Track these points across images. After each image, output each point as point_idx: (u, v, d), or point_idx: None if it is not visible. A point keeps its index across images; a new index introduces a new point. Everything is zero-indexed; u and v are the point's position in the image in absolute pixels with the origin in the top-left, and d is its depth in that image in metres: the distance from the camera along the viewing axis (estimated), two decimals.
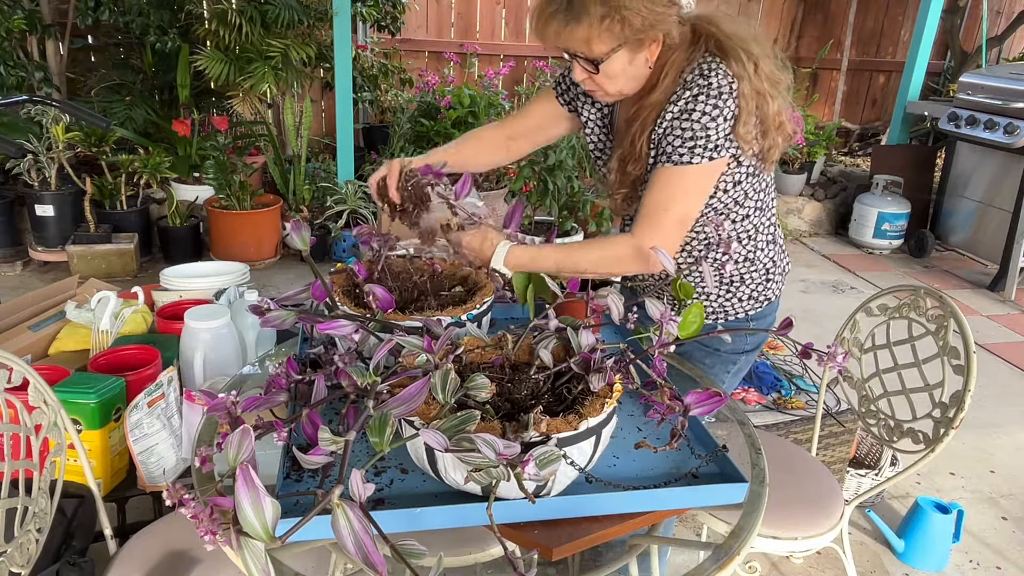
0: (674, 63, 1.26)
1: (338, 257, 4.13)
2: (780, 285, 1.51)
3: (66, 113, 3.53)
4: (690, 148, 1.23)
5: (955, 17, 6.03)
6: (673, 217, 1.27)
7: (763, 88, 1.24)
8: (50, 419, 1.22)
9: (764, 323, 1.51)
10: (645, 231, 1.27)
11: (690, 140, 1.23)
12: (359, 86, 4.81)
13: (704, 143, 1.22)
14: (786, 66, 1.31)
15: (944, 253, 5.15)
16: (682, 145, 1.23)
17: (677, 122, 1.24)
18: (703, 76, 1.22)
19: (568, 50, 1.25)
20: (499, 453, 0.79)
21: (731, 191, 1.33)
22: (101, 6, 4.02)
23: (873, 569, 2.14)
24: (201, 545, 0.97)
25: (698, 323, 1.23)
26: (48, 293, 2.09)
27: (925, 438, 1.53)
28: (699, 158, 1.23)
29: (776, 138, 1.30)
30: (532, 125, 1.56)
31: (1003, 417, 3.00)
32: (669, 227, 1.27)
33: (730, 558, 0.93)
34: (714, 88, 1.21)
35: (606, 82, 1.27)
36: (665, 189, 1.26)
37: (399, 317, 1.17)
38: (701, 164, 1.24)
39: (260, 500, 0.66)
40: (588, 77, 1.27)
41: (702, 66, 1.23)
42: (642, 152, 1.32)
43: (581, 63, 1.25)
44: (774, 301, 1.51)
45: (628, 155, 1.34)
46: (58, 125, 3.61)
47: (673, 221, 1.27)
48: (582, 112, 1.49)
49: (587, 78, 1.28)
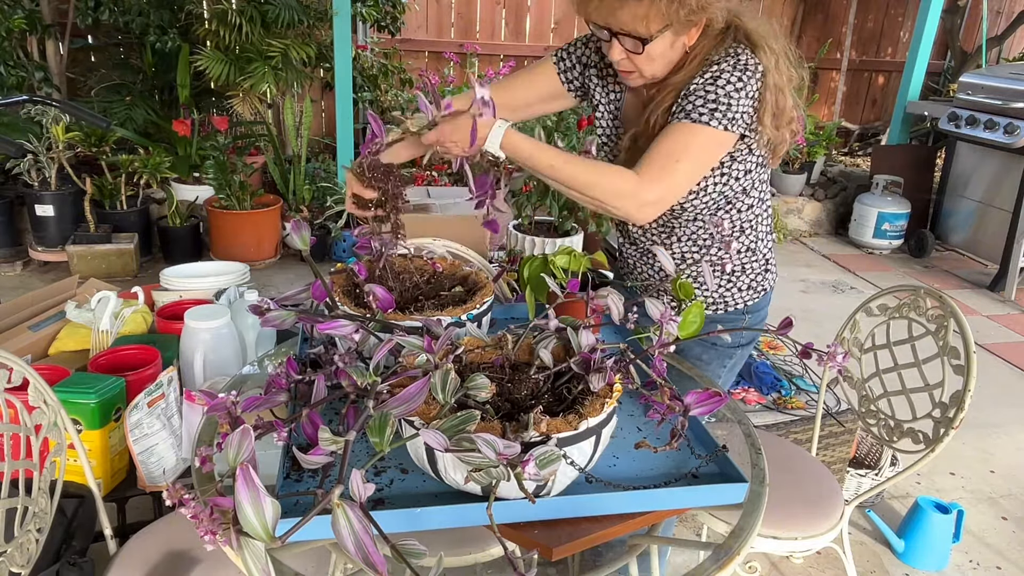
0: (702, 49, 1.26)
1: (338, 257, 4.13)
2: (775, 276, 1.53)
3: (66, 113, 3.53)
4: (710, 110, 1.22)
5: (955, 17, 6.03)
6: (682, 169, 1.23)
7: (782, 83, 1.27)
8: (50, 419, 1.22)
9: (759, 315, 1.53)
10: (652, 174, 1.22)
11: (712, 103, 1.22)
12: (359, 86, 4.81)
13: (724, 110, 1.22)
14: (800, 64, 1.32)
15: (944, 253, 5.15)
16: (703, 105, 1.22)
17: (702, 87, 1.23)
18: (733, 55, 1.24)
19: (615, 27, 1.20)
20: (499, 453, 0.79)
21: (742, 179, 1.35)
22: (101, 6, 4.02)
23: (873, 569, 2.14)
24: (201, 545, 0.97)
25: (698, 323, 1.23)
26: (48, 293, 2.09)
27: (925, 438, 1.53)
28: (716, 122, 1.22)
29: (786, 133, 1.31)
30: (531, 99, 1.48)
31: (1003, 417, 3.00)
32: (678, 177, 1.24)
33: (730, 558, 0.93)
34: (742, 63, 1.23)
35: (645, 64, 1.25)
36: (678, 140, 1.23)
37: (399, 317, 1.17)
38: (716, 129, 1.22)
39: (260, 500, 0.66)
40: (626, 57, 1.24)
41: (730, 50, 1.25)
42: (656, 128, 1.30)
43: (626, 42, 1.21)
44: (769, 292, 1.53)
45: (642, 133, 1.33)
46: (58, 125, 3.61)
47: (681, 173, 1.24)
48: (594, 95, 1.46)
49: (625, 58, 1.24)
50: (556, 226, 3.29)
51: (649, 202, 1.22)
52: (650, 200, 1.22)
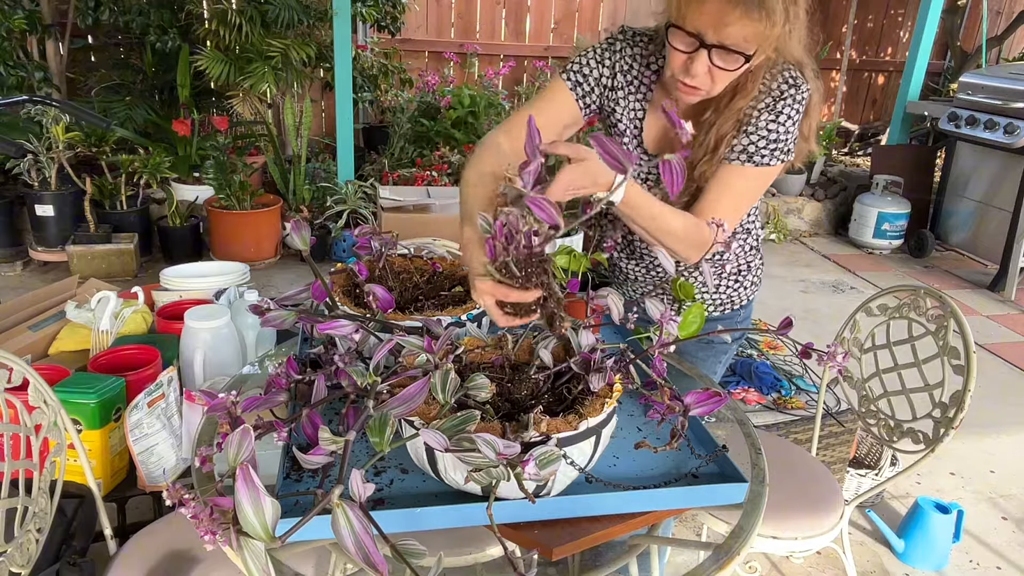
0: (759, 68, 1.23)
1: (338, 257, 4.13)
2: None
3: (66, 113, 3.53)
4: (771, 151, 1.24)
5: (955, 17, 6.03)
6: (744, 208, 1.30)
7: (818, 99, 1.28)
8: (50, 419, 1.22)
9: (750, 308, 1.57)
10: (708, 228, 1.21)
11: (773, 143, 1.24)
12: (359, 86, 4.81)
13: (783, 147, 1.25)
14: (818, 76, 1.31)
15: (944, 253, 5.15)
16: (766, 147, 1.24)
17: (765, 126, 1.24)
18: (792, 85, 1.24)
19: (713, 39, 1.11)
20: (499, 453, 0.79)
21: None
22: (101, 6, 4.02)
23: (873, 569, 2.14)
24: (201, 545, 0.97)
25: (698, 323, 1.23)
26: (48, 293, 2.09)
27: (925, 438, 1.53)
28: (775, 160, 1.25)
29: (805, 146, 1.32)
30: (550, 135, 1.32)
31: (1003, 417, 3.00)
32: (740, 216, 1.31)
33: (730, 558, 0.93)
34: (800, 95, 1.24)
35: (723, 81, 1.19)
36: (745, 184, 1.26)
37: (399, 317, 1.17)
38: (777, 166, 1.26)
39: (260, 500, 0.66)
40: (708, 72, 1.16)
41: (786, 74, 1.24)
42: (718, 155, 1.27)
43: (720, 58, 1.14)
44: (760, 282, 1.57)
45: (700, 158, 1.28)
46: (58, 125, 3.61)
47: (743, 211, 1.31)
48: (614, 115, 1.37)
49: (706, 73, 1.16)
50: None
51: (706, 248, 1.23)
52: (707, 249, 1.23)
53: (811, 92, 1.26)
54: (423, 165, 4.62)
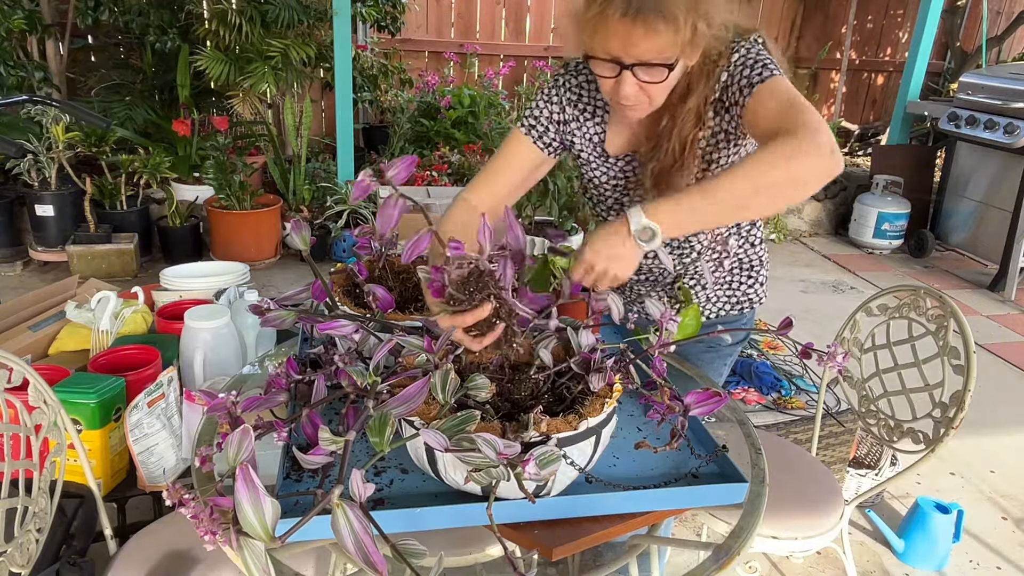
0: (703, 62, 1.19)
1: (338, 257, 4.13)
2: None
3: (66, 113, 3.53)
4: (763, 67, 1.14)
5: (955, 17, 6.03)
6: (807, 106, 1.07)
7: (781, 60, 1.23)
8: (50, 419, 1.22)
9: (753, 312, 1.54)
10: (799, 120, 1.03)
11: (759, 64, 1.14)
12: (359, 86, 4.81)
13: (772, 64, 1.15)
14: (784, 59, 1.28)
15: (944, 253, 5.15)
16: (754, 69, 1.15)
17: (738, 68, 1.16)
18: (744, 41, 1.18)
19: (630, 59, 1.10)
20: (499, 452, 0.79)
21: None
22: (101, 6, 4.02)
23: (873, 569, 2.14)
24: (201, 545, 0.97)
25: (695, 325, 1.23)
26: (48, 293, 2.09)
27: (925, 438, 1.53)
28: (778, 71, 1.14)
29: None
30: (516, 181, 1.37)
31: (1003, 417, 3.00)
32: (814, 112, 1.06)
33: (730, 558, 0.93)
34: (757, 43, 1.19)
35: (660, 92, 1.16)
36: (774, 97, 1.10)
37: (399, 317, 1.17)
38: (782, 75, 1.14)
39: (260, 500, 0.66)
40: (640, 90, 1.14)
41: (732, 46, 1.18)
42: (688, 159, 1.24)
43: (643, 73, 1.11)
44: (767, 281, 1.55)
45: (669, 166, 1.24)
46: (58, 125, 3.61)
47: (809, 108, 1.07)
48: (575, 144, 1.38)
49: (638, 91, 1.14)
50: (556, 226, 3.29)
51: (827, 143, 1.01)
52: (825, 140, 1.01)
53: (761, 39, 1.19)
54: (423, 165, 4.62)
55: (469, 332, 0.98)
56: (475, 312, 0.96)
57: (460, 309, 0.96)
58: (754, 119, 1.13)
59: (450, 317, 0.97)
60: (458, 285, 0.96)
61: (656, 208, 1.03)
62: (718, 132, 1.25)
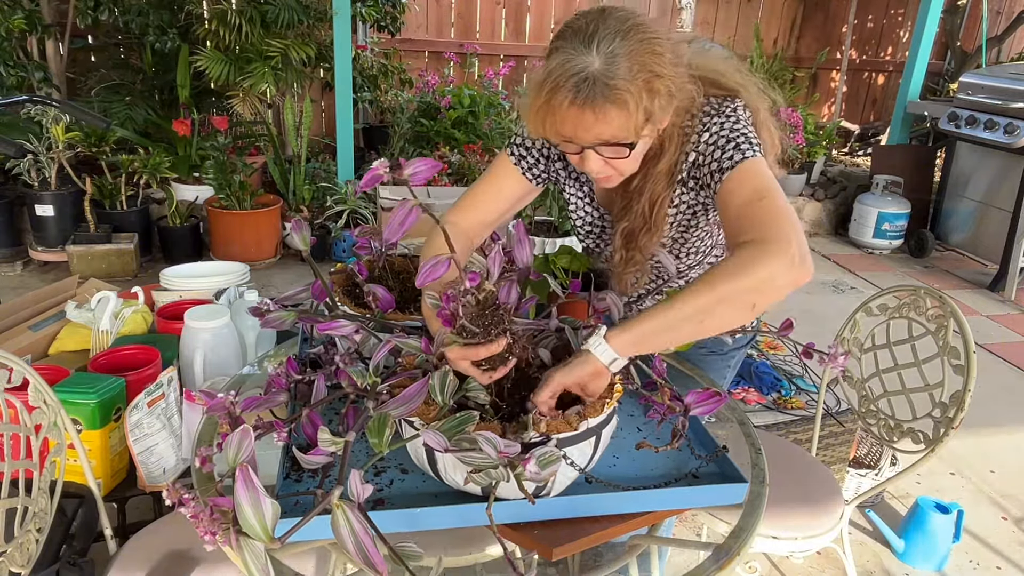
0: (674, 124, 1.15)
1: (338, 257, 4.13)
2: None
3: (66, 113, 3.53)
4: (736, 148, 1.10)
5: (955, 17, 6.03)
6: (778, 202, 1.03)
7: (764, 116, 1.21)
8: (50, 419, 1.22)
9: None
10: (767, 230, 0.99)
11: (731, 144, 1.11)
12: (359, 86, 4.81)
13: (745, 142, 1.11)
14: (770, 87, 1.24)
15: (944, 253, 5.15)
16: (725, 151, 1.11)
17: (709, 148, 1.13)
18: (712, 113, 1.15)
19: (589, 142, 1.06)
20: (500, 451, 0.79)
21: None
22: (101, 6, 4.02)
23: (873, 569, 2.14)
24: (201, 545, 0.97)
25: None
26: (48, 293, 2.09)
27: (925, 438, 1.53)
28: (751, 152, 1.09)
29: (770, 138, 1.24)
30: (502, 208, 1.32)
31: (1003, 417, 3.00)
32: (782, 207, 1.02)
33: (730, 558, 0.93)
34: (725, 112, 1.15)
35: (628, 165, 1.13)
36: (744, 187, 1.06)
37: (399, 317, 1.17)
38: (757, 157, 1.09)
39: (260, 500, 0.66)
40: (606, 164, 1.11)
41: (705, 108, 1.16)
42: (658, 220, 1.22)
43: (606, 151, 1.08)
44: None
45: (640, 227, 1.23)
46: (58, 125, 3.61)
47: (780, 202, 1.03)
48: (564, 186, 1.36)
49: (604, 165, 1.11)
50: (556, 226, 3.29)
51: (797, 254, 0.97)
52: (795, 251, 0.97)
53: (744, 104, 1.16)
54: None
55: (479, 365, 0.95)
56: (489, 347, 0.93)
57: (473, 342, 0.93)
58: (724, 207, 1.09)
59: (461, 349, 0.93)
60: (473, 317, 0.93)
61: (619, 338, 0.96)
62: (694, 205, 1.24)
